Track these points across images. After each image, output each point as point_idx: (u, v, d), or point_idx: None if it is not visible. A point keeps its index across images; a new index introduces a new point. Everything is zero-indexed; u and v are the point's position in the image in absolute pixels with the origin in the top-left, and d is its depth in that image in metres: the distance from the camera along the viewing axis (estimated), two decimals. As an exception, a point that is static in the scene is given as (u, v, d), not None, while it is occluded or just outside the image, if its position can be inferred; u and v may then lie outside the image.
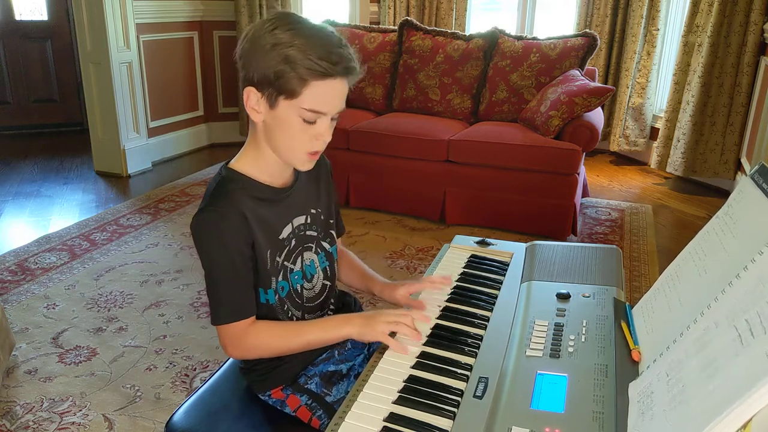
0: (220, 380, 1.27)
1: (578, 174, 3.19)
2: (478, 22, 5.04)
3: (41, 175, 4.31)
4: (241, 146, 1.14)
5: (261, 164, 1.11)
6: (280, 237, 1.13)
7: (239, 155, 1.13)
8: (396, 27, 4.05)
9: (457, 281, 1.25)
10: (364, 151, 3.53)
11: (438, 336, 1.05)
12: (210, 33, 4.89)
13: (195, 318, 2.45)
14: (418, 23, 4.02)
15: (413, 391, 0.90)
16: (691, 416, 0.65)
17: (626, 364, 0.88)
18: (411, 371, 0.95)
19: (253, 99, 1.03)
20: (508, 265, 1.29)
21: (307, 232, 1.18)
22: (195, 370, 2.12)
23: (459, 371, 0.94)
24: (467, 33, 4.05)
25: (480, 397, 0.86)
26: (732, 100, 3.83)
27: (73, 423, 1.86)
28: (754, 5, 3.61)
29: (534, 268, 1.23)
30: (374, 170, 3.55)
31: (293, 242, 1.15)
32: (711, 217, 0.96)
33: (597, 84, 3.28)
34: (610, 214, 3.59)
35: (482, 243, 1.41)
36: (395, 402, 0.88)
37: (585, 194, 3.76)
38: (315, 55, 0.97)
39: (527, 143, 3.20)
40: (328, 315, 1.25)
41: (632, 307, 1.03)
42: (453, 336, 1.04)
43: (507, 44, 3.69)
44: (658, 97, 4.52)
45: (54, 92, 5.48)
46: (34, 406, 1.93)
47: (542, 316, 1.03)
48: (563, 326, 0.99)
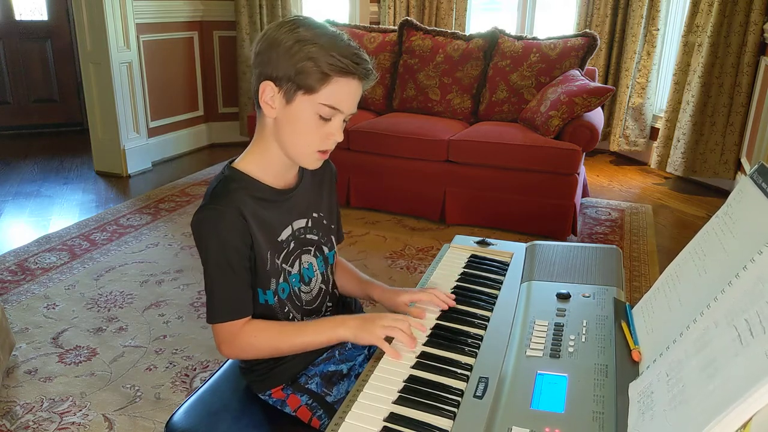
0: (220, 380, 1.27)
1: (578, 174, 3.19)
2: (478, 22, 5.04)
3: (41, 175, 4.31)
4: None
5: (265, 164, 1.11)
6: (279, 239, 1.13)
7: (244, 154, 1.13)
8: (396, 27, 4.05)
9: (457, 281, 1.25)
10: (364, 151, 3.53)
11: (438, 336, 1.05)
12: (210, 33, 4.89)
13: (195, 318, 2.45)
14: (418, 23, 4.02)
15: (413, 391, 0.90)
16: (691, 416, 0.65)
17: (626, 364, 0.88)
18: (411, 371, 0.95)
19: (269, 93, 1.04)
20: (508, 265, 1.29)
21: (308, 236, 1.18)
22: (195, 370, 2.12)
23: (459, 371, 0.94)
24: (467, 33, 4.05)
25: (480, 397, 0.86)
26: (732, 100, 3.83)
27: (73, 423, 1.86)
28: (754, 5, 3.61)
29: (534, 268, 1.23)
30: (374, 170, 3.55)
31: (292, 245, 1.15)
32: (711, 217, 0.96)
33: (597, 84, 3.28)
34: (610, 214, 3.59)
35: (482, 243, 1.41)
36: (395, 402, 0.88)
37: (585, 194, 3.76)
38: (339, 53, 1.00)
39: (527, 143, 3.20)
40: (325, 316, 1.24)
41: (632, 307, 1.03)
42: (453, 336, 1.05)
43: (507, 44, 3.69)
44: (658, 97, 4.52)
45: (54, 92, 5.48)
46: (34, 406, 1.93)
47: (542, 316, 1.03)
48: (563, 326, 0.99)
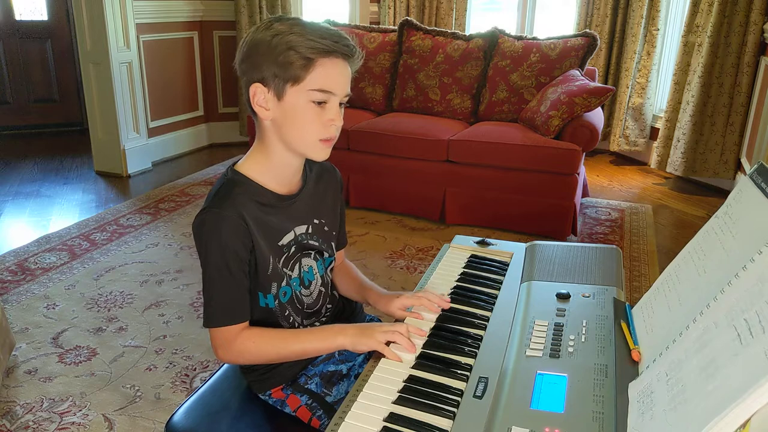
0: (220, 380, 1.27)
1: (578, 174, 3.19)
2: (478, 22, 5.04)
3: (41, 175, 4.31)
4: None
5: (268, 168, 1.11)
6: (280, 243, 1.12)
7: (246, 158, 1.13)
8: (396, 27, 4.05)
9: (457, 281, 1.25)
10: (364, 151, 3.53)
11: (438, 336, 1.05)
12: (210, 33, 4.89)
13: (195, 318, 2.45)
14: (418, 23, 4.02)
15: (413, 391, 0.90)
16: (691, 416, 0.65)
17: (626, 364, 0.88)
18: (411, 371, 0.95)
19: (260, 96, 1.04)
20: (508, 265, 1.29)
21: (309, 241, 1.18)
22: (195, 370, 2.12)
23: (459, 371, 0.94)
24: (467, 33, 4.05)
25: (480, 397, 0.86)
26: (732, 100, 3.83)
27: (73, 423, 1.86)
28: (754, 5, 3.61)
29: (534, 268, 1.23)
30: (374, 170, 3.55)
31: (293, 249, 1.15)
32: (711, 217, 0.96)
33: (597, 84, 3.28)
34: (610, 214, 3.59)
35: (482, 243, 1.41)
36: (395, 402, 0.88)
37: (585, 194, 3.76)
38: (316, 35, 1.00)
39: (527, 143, 3.20)
40: (323, 321, 1.24)
41: (632, 307, 1.03)
42: (453, 336, 1.05)
43: (507, 44, 3.69)
44: (658, 97, 4.52)
45: (54, 92, 5.48)
46: (34, 406, 1.93)
47: (542, 316, 1.03)
48: (563, 326, 0.99)
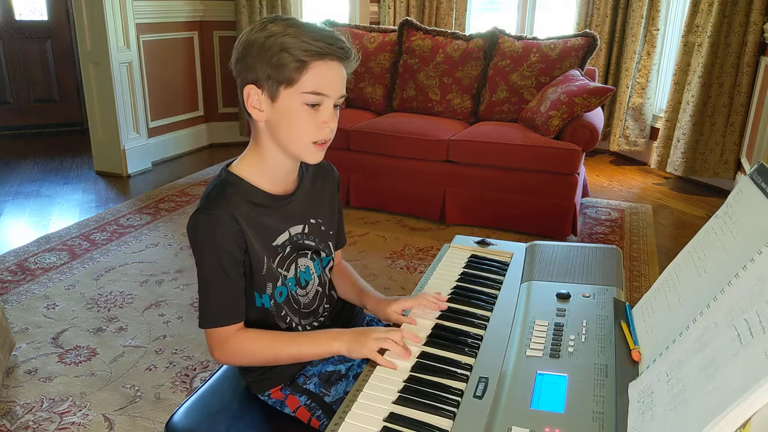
0: (220, 380, 1.27)
1: (578, 174, 3.19)
2: (478, 22, 5.04)
3: (41, 175, 4.31)
4: (242, 146, 1.14)
5: (262, 169, 1.10)
6: (274, 244, 1.12)
7: (240, 158, 1.12)
8: (396, 27, 4.05)
9: (457, 281, 1.25)
10: (364, 151, 3.53)
11: (438, 336, 1.05)
12: (210, 33, 4.89)
13: (195, 318, 2.45)
14: (418, 23, 4.02)
15: (413, 391, 0.90)
16: (691, 416, 0.65)
17: (626, 364, 0.88)
18: (411, 371, 0.95)
19: (254, 97, 1.04)
20: (508, 265, 1.29)
21: (305, 241, 1.17)
22: (195, 370, 2.12)
23: (459, 371, 0.94)
24: (467, 33, 4.05)
25: (480, 397, 0.86)
26: (732, 100, 3.83)
27: (73, 423, 1.86)
28: (754, 5, 3.61)
29: (534, 268, 1.23)
30: (374, 170, 3.55)
31: (288, 249, 1.14)
32: (711, 217, 0.96)
33: (597, 84, 3.28)
34: (610, 214, 3.59)
35: (482, 243, 1.41)
36: (395, 402, 0.88)
37: (585, 194, 3.76)
38: (310, 38, 0.99)
39: (527, 143, 3.20)
40: (321, 321, 1.23)
41: (632, 307, 1.03)
42: (453, 336, 1.05)
43: (507, 44, 3.69)
44: (658, 97, 4.52)
45: (54, 92, 5.48)
46: (34, 406, 1.93)
47: (542, 316, 1.03)
48: (563, 326, 0.99)
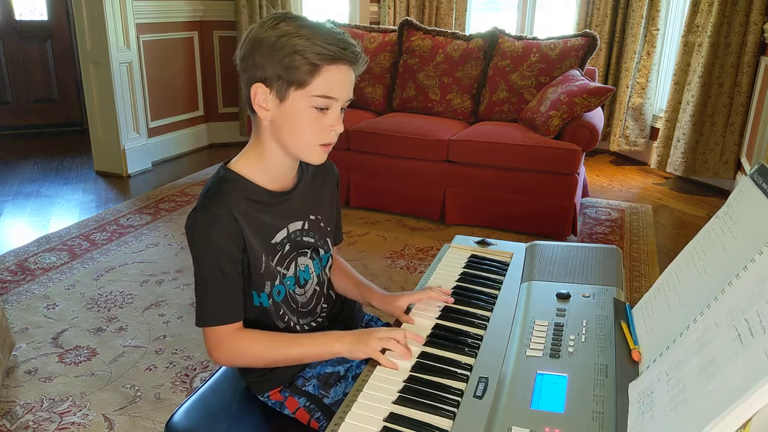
0: (220, 380, 1.27)
1: (578, 174, 3.19)
2: (478, 22, 5.04)
3: (41, 175, 4.31)
4: (242, 146, 1.14)
5: (262, 166, 1.10)
6: (273, 241, 1.11)
7: (240, 156, 1.12)
8: (396, 27, 4.05)
9: (457, 281, 1.25)
10: (364, 151, 3.53)
11: (438, 336, 1.05)
12: (210, 33, 4.89)
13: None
14: (418, 23, 4.02)
15: (413, 391, 0.90)
16: (691, 416, 0.65)
17: (626, 364, 0.88)
18: (411, 371, 0.95)
19: (261, 96, 1.03)
20: (508, 265, 1.29)
21: (304, 238, 1.17)
22: (195, 370, 2.12)
23: (459, 371, 0.94)
24: (467, 33, 4.05)
25: (480, 397, 0.86)
26: (732, 100, 3.83)
27: (73, 423, 1.86)
28: (754, 5, 3.61)
29: (534, 268, 1.23)
30: (374, 170, 3.55)
31: (287, 247, 1.14)
32: (711, 217, 0.96)
33: (597, 84, 3.28)
34: (610, 214, 3.59)
35: (482, 243, 1.41)
36: (395, 402, 0.88)
37: (585, 194, 3.76)
38: (324, 41, 0.99)
39: (527, 143, 3.20)
40: (319, 321, 1.23)
41: (632, 307, 1.03)
42: (453, 336, 1.04)
43: (507, 44, 3.69)
44: (658, 97, 4.52)
45: (54, 92, 5.48)
46: (34, 406, 1.93)
47: (542, 316, 1.03)
48: (563, 326, 0.99)
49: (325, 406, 1.14)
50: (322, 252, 1.22)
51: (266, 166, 1.10)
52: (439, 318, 1.11)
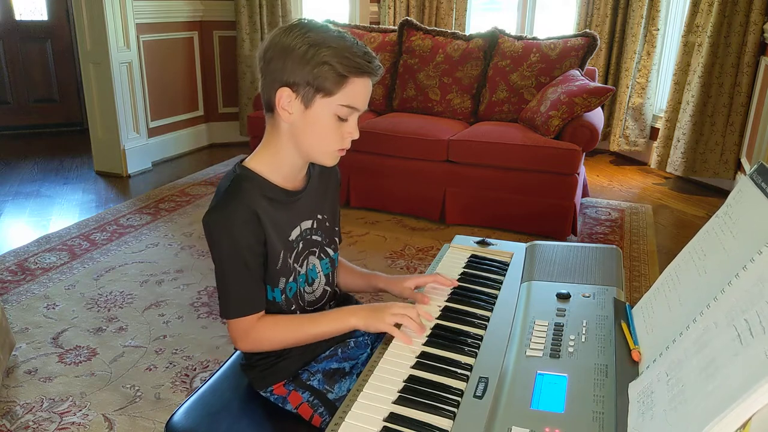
0: (221, 380, 1.27)
1: (578, 174, 3.19)
2: (478, 22, 5.04)
3: (41, 175, 4.31)
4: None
5: (276, 166, 1.13)
6: (290, 238, 1.15)
7: (254, 154, 1.15)
8: (396, 27, 4.05)
9: (458, 281, 1.25)
10: (365, 151, 3.53)
11: (438, 336, 1.05)
12: (210, 33, 4.88)
13: (195, 318, 2.45)
14: (418, 23, 4.02)
15: (413, 391, 0.90)
16: (691, 416, 0.65)
17: (626, 364, 0.88)
18: (411, 371, 0.95)
19: (286, 100, 1.06)
20: (508, 265, 1.30)
21: (313, 237, 1.20)
22: (195, 370, 2.12)
23: (459, 371, 0.94)
24: (467, 33, 4.05)
25: (480, 397, 0.86)
26: (732, 100, 3.83)
27: (73, 423, 1.86)
28: (754, 5, 3.61)
29: (534, 268, 1.23)
30: (374, 170, 3.55)
31: (301, 245, 1.17)
32: (711, 217, 0.96)
33: (597, 84, 3.28)
34: (610, 214, 3.59)
35: (482, 243, 1.41)
36: (395, 402, 0.88)
37: (585, 194, 3.76)
38: (353, 54, 1.03)
39: (527, 143, 3.20)
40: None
41: (632, 307, 1.04)
42: (453, 336, 1.05)
43: (507, 44, 3.69)
44: (658, 97, 4.52)
45: (54, 92, 5.48)
46: (34, 406, 1.93)
47: (542, 316, 1.03)
48: (563, 326, 0.99)
49: (329, 402, 1.15)
50: (330, 251, 1.25)
51: (280, 166, 1.13)
52: (439, 318, 1.11)
